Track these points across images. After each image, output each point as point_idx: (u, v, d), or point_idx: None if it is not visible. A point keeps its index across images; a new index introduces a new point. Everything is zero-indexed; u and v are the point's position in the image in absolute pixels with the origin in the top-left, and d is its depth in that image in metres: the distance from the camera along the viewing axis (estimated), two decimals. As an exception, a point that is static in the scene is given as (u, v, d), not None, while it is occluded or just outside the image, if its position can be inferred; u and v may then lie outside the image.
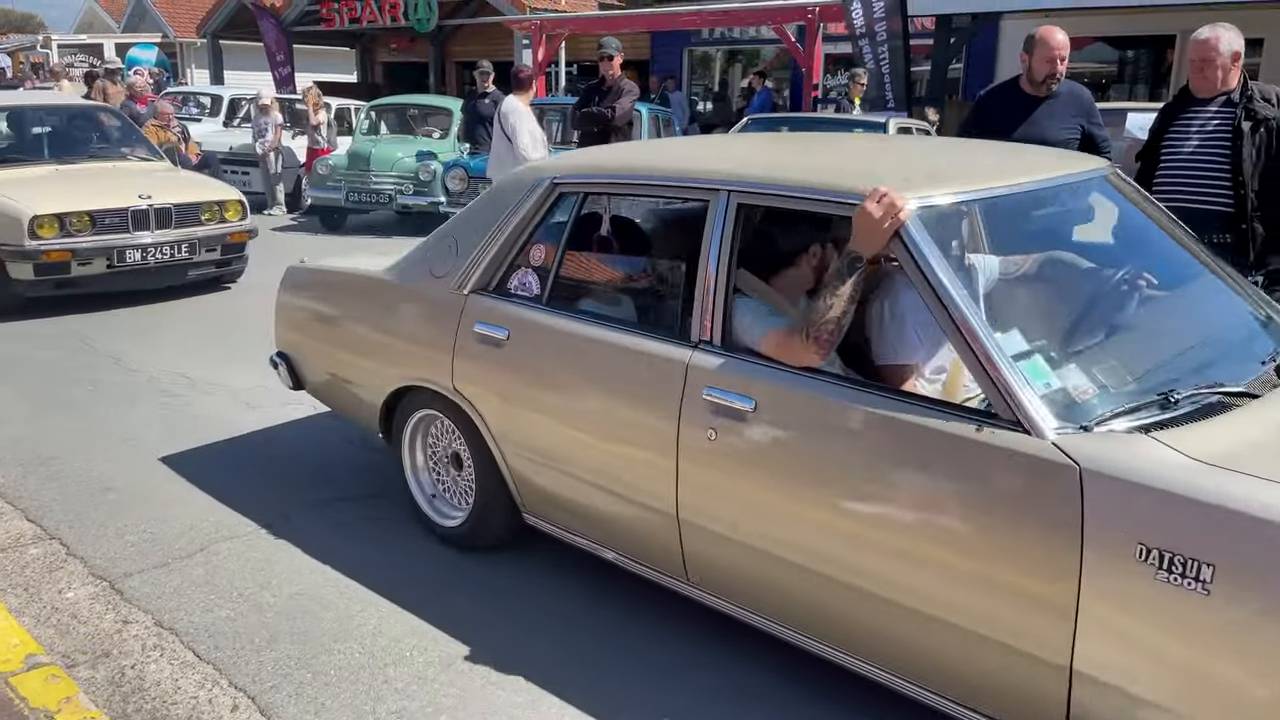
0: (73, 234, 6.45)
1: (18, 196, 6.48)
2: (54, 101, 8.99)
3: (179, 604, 3.08)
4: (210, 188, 7.58)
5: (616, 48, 7.28)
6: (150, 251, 6.80)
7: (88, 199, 6.66)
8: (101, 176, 7.27)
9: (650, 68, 17.00)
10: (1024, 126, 4.67)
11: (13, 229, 6.33)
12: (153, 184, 7.12)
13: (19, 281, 6.46)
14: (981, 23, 11.53)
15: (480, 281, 3.20)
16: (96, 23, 35.79)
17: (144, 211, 6.76)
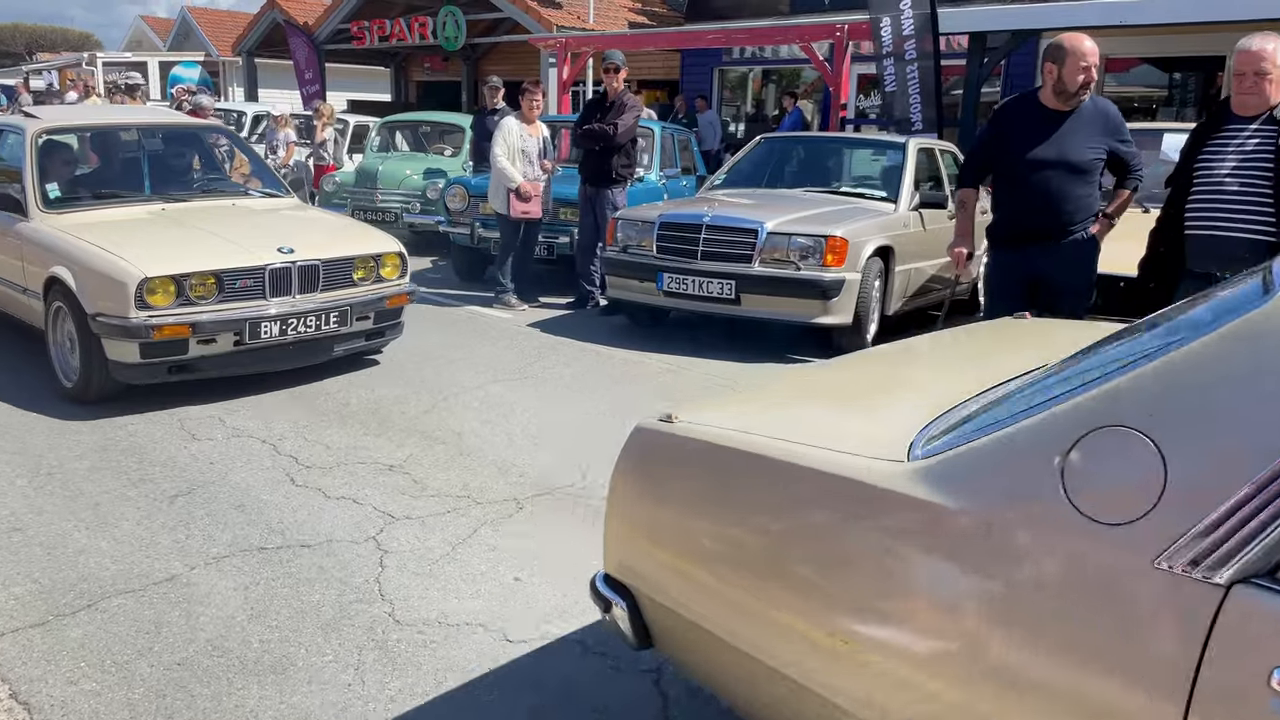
0: (193, 301, 4.76)
1: (119, 249, 4.80)
2: (153, 119, 7.00)
3: (43, 672, 2.72)
4: (362, 236, 5.79)
5: (622, 61, 6.91)
6: (292, 324, 5.04)
7: (211, 253, 4.95)
8: (223, 220, 5.57)
9: (680, 88, 16.65)
10: (1044, 145, 4.22)
11: (113, 295, 4.64)
12: (290, 231, 5.50)
13: (120, 365, 4.74)
14: (1021, 40, 11.02)
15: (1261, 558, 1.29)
16: (145, 41, 36.40)
17: (285, 270, 5.00)
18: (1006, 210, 4.40)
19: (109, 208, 5.55)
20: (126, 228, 5.21)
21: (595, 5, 16.34)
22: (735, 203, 6.79)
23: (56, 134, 5.99)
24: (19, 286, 5.41)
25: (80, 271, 4.80)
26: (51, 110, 6.64)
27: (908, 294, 6.79)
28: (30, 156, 5.49)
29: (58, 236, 5.09)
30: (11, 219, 5.43)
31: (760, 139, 8.10)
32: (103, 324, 4.66)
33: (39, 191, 5.41)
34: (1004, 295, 4.46)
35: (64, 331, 5.06)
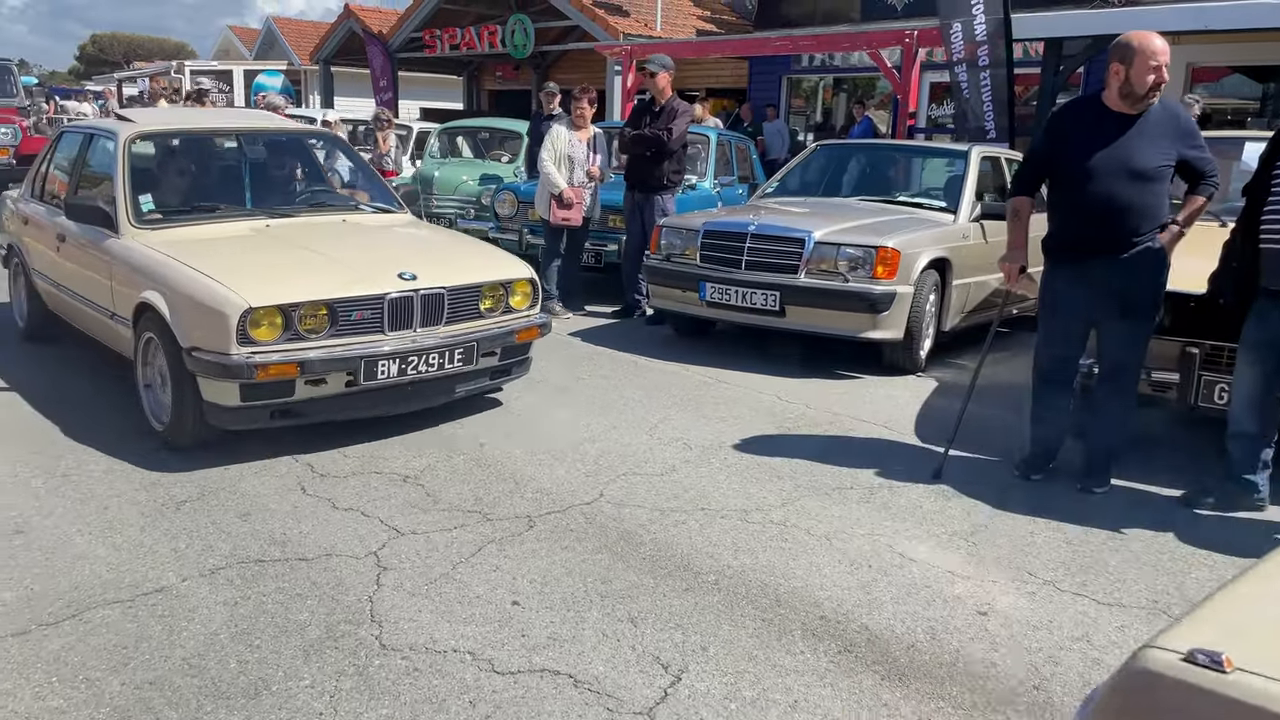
0: (302, 336, 4.06)
1: (220, 273, 4.14)
2: (255, 124, 6.34)
3: (13, 686, 2.62)
4: (490, 260, 5.02)
5: (661, 65, 6.72)
6: (412, 362, 4.32)
7: (323, 279, 4.25)
8: (334, 239, 4.92)
9: (748, 96, 16.41)
10: (1108, 149, 3.92)
11: (212, 327, 3.97)
12: (408, 252, 4.81)
13: (217, 408, 4.10)
14: (1101, 47, 10.53)
15: None
16: (232, 50, 37.46)
17: (406, 300, 4.29)
18: (1064, 221, 4.09)
19: (208, 223, 4.95)
20: (227, 247, 4.60)
21: (662, 13, 16.20)
22: (784, 211, 6.55)
23: (151, 139, 5.44)
24: (106, 310, 4.81)
25: (175, 298, 4.15)
26: (146, 114, 6.12)
27: (966, 309, 6.46)
28: (122, 164, 4.95)
29: (150, 256, 4.46)
30: (100, 234, 4.85)
31: (816, 146, 7.84)
32: (199, 360, 3.99)
33: (131, 204, 4.83)
34: (1061, 313, 4.17)
35: (155, 366, 4.46)
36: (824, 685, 2.71)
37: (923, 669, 2.81)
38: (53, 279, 5.51)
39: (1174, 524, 3.90)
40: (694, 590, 3.23)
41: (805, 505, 3.98)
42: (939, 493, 4.16)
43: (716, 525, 3.75)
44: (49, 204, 5.78)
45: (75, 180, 5.54)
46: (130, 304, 4.46)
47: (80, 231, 5.04)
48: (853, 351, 6.24)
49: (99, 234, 4.86)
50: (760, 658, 2.83)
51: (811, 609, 3.13)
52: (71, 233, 5.15)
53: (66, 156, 5.88)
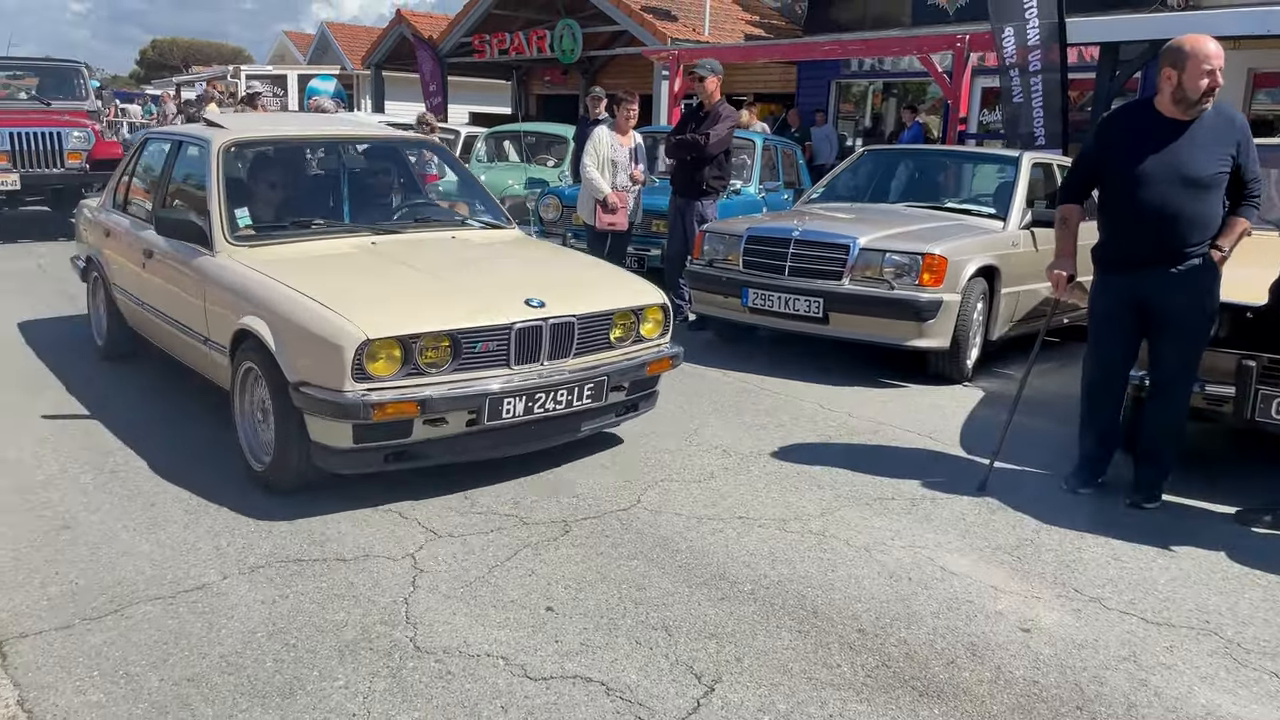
0: (422, 370, 3.64)
1: (331, 298, 3.73)
2: (354, 131, 5.79)
3: (54, 679, 2.66)
4: (619, 284, 4.56)
5: (711, 69, 6.69)
6: (539, 399, 3.88)
7: (444, 306, 3.84)
8: (447, 259, 4.56)
9: (796, 101, 16.31)
10: (1159, 156, 3.83)
11: (324, 360, 3.55)
12: (530, 275, 4.42)
13: (327, 451, 3.69)
14: (1158, 52, 10.32)
15: None
16: (287, 55, 38.09)
17: (534, 330, 3.86)
18: (1115, 230, 4.00)
19: (309, 240, 4.54)
20: (334, 268, 4.21)
21: (710, 18, 16.16)
22: (829, 217, 6.49)
23: (245, 148, 4.97)
24: (199, 335, 4.42)
25: (280, 325, 3.74)
26: (237, 120, 5.66)
27: (1014, 318, 6.34)
28: (216, 175, 4.56)
29: (251, 277, 4.07)
30: (192, 251, 4.47)
31: (863, 151, 7.76)
32: (308, 397, 3.58)
33: (226, 219, 4.45)
34: (1110, 323, 4.07)
35: (254, 399, 4.05)
36: (860, 700, 2.67)
37: (962, 686, 2.75)
38: (136, 296, 5.17)
39: (1227, 542, 3.79)
40: (729, 599, 3.19)
41: (845, 515, 3.93)
42: (983, 505, 4.08)
43: (754, 534, 3.71)
44: (132, 215, 5.46)
45: (162, 191, 5.16)
46: (227, 330, 4.05)
47: (169, 247, 4.69)
48: (897, 359, 6.17)
49: (191, 251, 4.48)
50: (795, 670, 2.79)
51: (849, 621, 3.08)
52: (159, 248, 4.81)
53: (151, 165, 5.54)
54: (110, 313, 5.68)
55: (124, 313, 5.50)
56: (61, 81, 12.10)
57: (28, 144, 10.65)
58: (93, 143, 11.13)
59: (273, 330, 3.76)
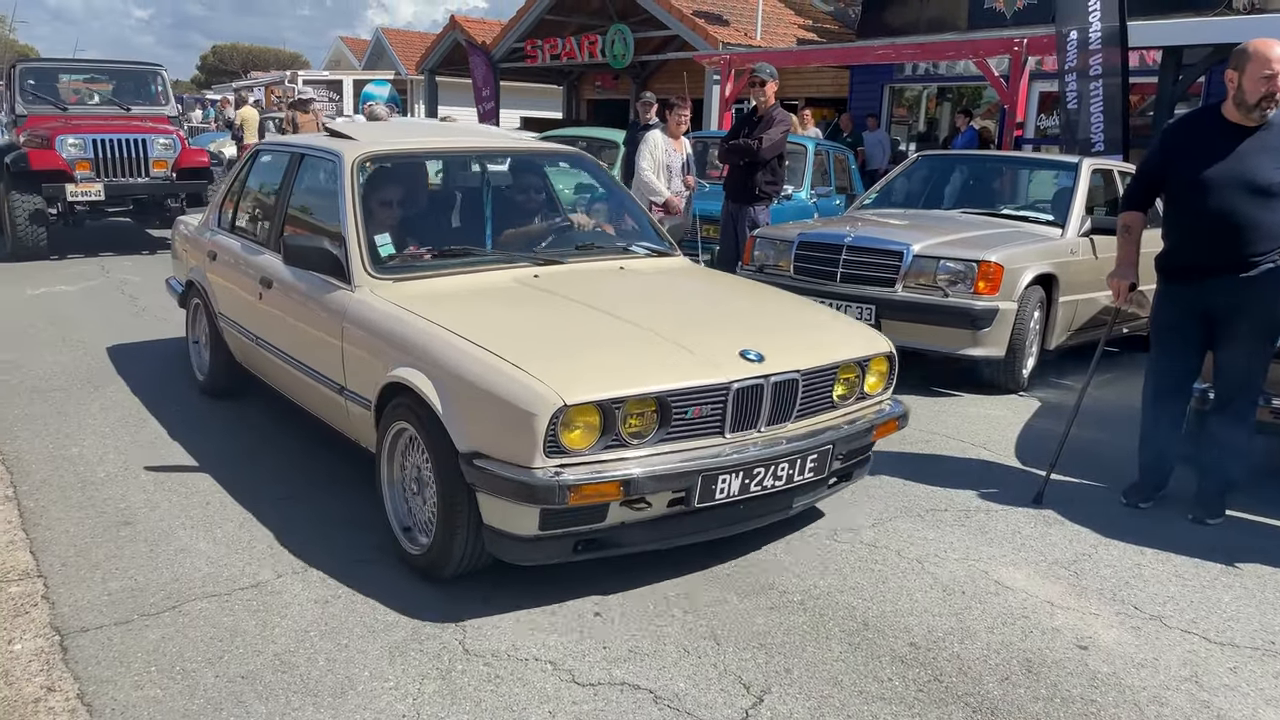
0: (624, 442, 2.96)
1: (510, 351, 3.06)
2: (499, 143, 5.10)
3: (113, 674, 2.72)
4: (837, 329, 3.80)
5: (771, 74, 6.66)
6: (758, 475, 3.15)
7: (645, 359, 3.14)
8: (627, 295, 3.86)
9: (848, 105, 16.19)
10: (1225, 163, 3.74)
11: (509, 430, 2.90)
12: (727, 316, 3.75)
13: (505, 538, 3.02)
14: (1222, 56, 10.08)
15: None
16: (343, 61, 38.76)
17: (754, 389, 3.13)
18: (1178, 238, 3.91)
19: (462, 272, 3.88)
20: (501, 309, 3.58)
21: (763, 22, 16.11)
22: (882, 223, 6.42)
23: (382, 162, 4.30)
24: (333, 383, 3.79)
25: (448, 383, 3.07)
26: (364, 129, 4.92)
27: (1073, 327, 6.22)
28: (351, 195, 3.93)
29: (404, 320, 3.41)
30: (325, 285, 3.83)
31: (917, 156, 7.67)
32: (485, 474, 2.90)
33: (366, 247, 3.80)
34: (1174, 334, 3.98)
35: (408, 466, 3.39)
36: (912, 715, 2.63)
37: (1017, 703, 2.69)
38: (249, 330, 4.57)
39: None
40: (779, 609, 3.17)
41: (897, 526, 3.88)
42: (1040, 518, 4.00)
43: (804, 543, 3.68)
44: (243, 238, 4.85)
45: (280, 213, 4.51)
46: (374, 381, 3.42)
47: (295, 279, 4.05)
48: (951, 368, 6.08)
49: (323, 284, 3.85)
50: (846, 683, 2.76)
51: (901, 634, 3.04)
52: (281, 279, 4.18)
53: (266, 181, 4.96)
54: (214, 345, 5.09)
55: (231, 346, 4.92)
56: (139, 85, 11.46)
57: (111, 152, 10.03)
58: (179, 150, 10.52)
59: (438, 388, 3.09)
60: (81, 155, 9.76)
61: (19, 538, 3.54)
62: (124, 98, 11.17)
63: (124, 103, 11.07)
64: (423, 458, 3.25)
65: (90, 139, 9.88)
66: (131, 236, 11.44)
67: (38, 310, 7.48)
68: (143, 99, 11.28)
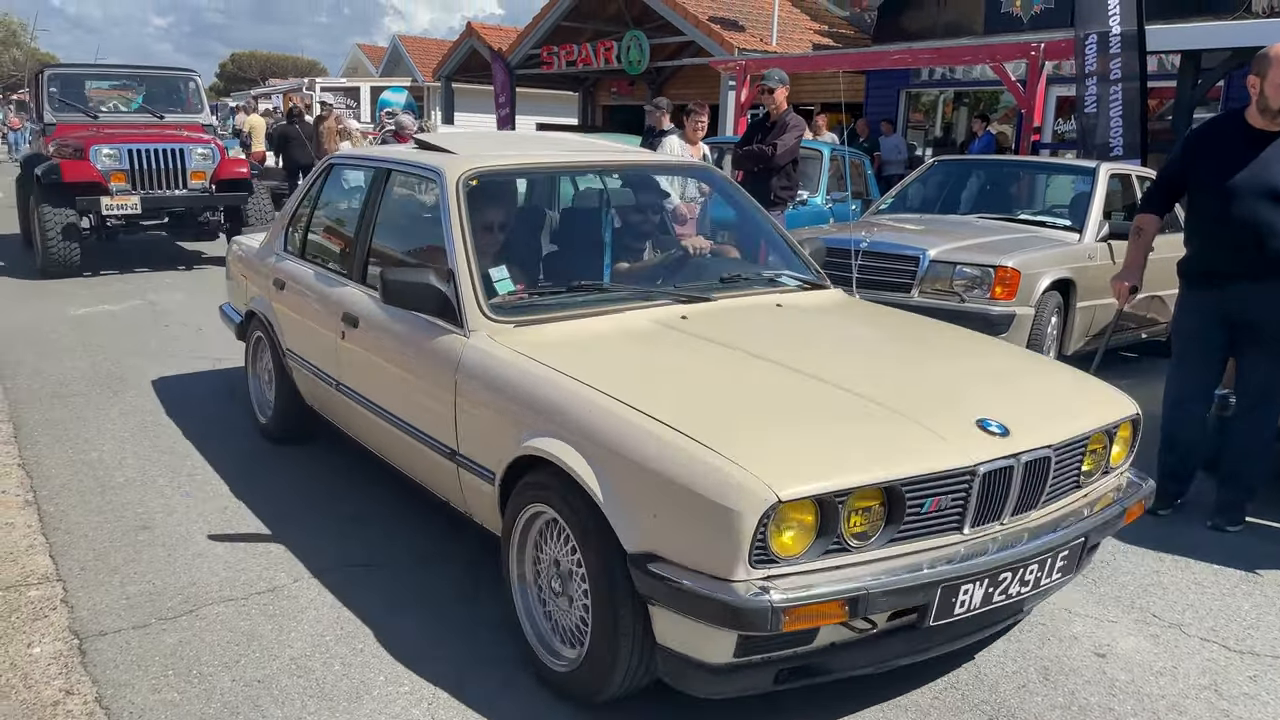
0: (845, 546, 2.28)
1: (694, 425, 2.39)
2: (622, 157, 4.38)
3: (131, 677, 2.74)
4: (1075, 389, 3.04)
5: (780, 80, 6.66)
6: (1004, 582, 2.47)
7: (861, 435, 2.46)
8: (802, 342, 3.16)
9: (864, 110, 16.17)
10: (1247, 169, 3.71)
11: (701, 528, 2.22)
12: (944, 373, 3.01)
13: (688, 666, 2.36)
14: (1242, 60, 10.01)
15: None
16: (360, 68, 38.99)
17: (1004, 472, 2.46)
18: (1200, 244, 3.88)
19: (597, 313, 3.19)
20: (660, 363, 2.90)
21: (778, 28, 16.11)
22: (898, 228, 6.40)
23: (491, 180, 3.59)
24: (442, 446, 3.12)
25: (611, 463, 2.42)
26: (461, 141, 4.24)
27: (1091, 332, 6.19)
28: (460, 221, 3.28)
29: (540, 376, 2.76)
30: (431, 328, 3.19)
31: (933, 161, 7.65)
32: (665, 585, 2.25)
33: (480, 284, 3.16)
34: (1196, 340, 3.95)
35: (547, 560, 2.74)
36: (928, 722, 2.61)
37: (1034, 712, 2.68)
38: (327, 373, 3.95)
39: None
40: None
41: (913, 532, 3.85)
42: (1056, 525, 3.97)
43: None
44: (317, 265, 4.23)
45: (364, 238, 3.85)
46: (501, 449, 2.79)
47: (389, 318, 3.42)
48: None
49: (428, 327, 3.20)
50: (857, 690, 2.74)
51: (917, 641, 3.02)
52: (371, 317, 3.57)
53: (344, 200, 4.49)
54: (280, 384, 4.49)
55: (301, 387, 4.34)
56: (170, 92, 10.90)
57: (147, 162, 9.39)
58: (217, 160, 9.81)
59: (596, 469, 2.44)
60: (116, 166, 9.23)
61: (39, 542, 3.57)
62: (154, 105, 10.72)
63: (156, 110, 10.63)
64: (570, 552, 2.60)
65: (125, 149, 9.32)
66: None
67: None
68: (174, 106, 10.82)
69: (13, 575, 3.29)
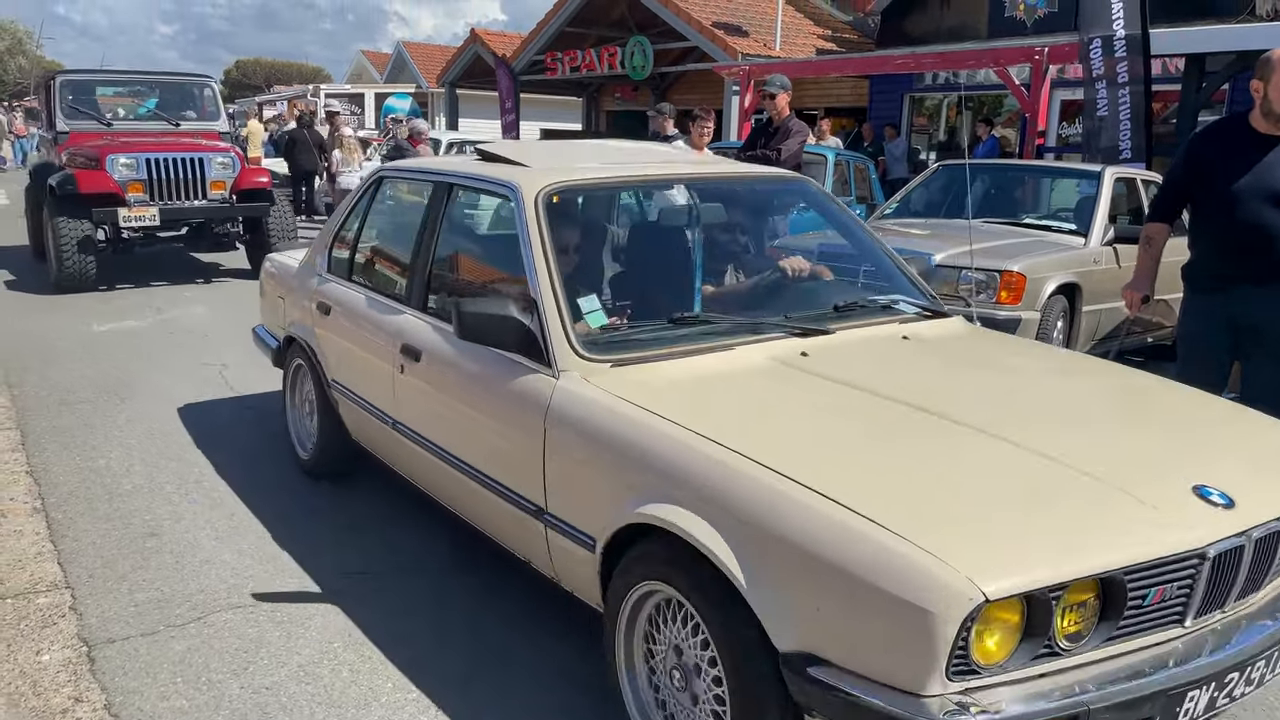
0: (1055, 649, 1.86)
1: (855, 496, 1.95)
2: (714, 169, 3.98)
3: (140, 685, 2.74)
4: (1267, 439, 2.54)
5: (781, 85, 6.67)
6: (1230, 683, 2.03)
7: (1071, 516, 1.97)
8: (950, 384, 2.71)
9: (868, 115, 16.18)
10: (1251, 174, 3.69)
11: (887, 629, 1.80)
12: (1129, 426, 2.56)
13: None
14: (1246, 64, 10.01)
15: None
16: (365, 74, 39.11)
17: (1233, 553, 2.04)
18: (1205, 249, 3.87)
19: (703, 351, 2.74)
20: (796, 413, 2.44)
21: (782, 33, 16.14)
22: (902, 232, 6.40)
23: (573, 196, 3.30)
24: (526, 502, 2.70)
25: (757, 541, 2.01)
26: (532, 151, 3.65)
27: (1097, 337, 6.18)
28: (541, 243, 2.85)
29: (651, 428, 2.34)
30: (513, 366, 2.77)
31: (938, 166, 7.65)
32: (831, 695, 1.88)
33: (569, 314, 2.74)
34: (1200, 345, 3.94)
35: (666, 647, 2.33)
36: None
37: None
38: (378, 408, 3.53)
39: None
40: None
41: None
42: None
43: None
44: (369, 289, 3.78)
45: (425, 261, 3.42)
46: (605, 516, 2.38)
47: (460, 353, 3.00)
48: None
49: (507, 365, 2.78)
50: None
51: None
52: (436, 350, 3.14)
53: (399, 217, 4.06)
54: (324, 417, 4.10)
55: (348, 422, 3.93)
56: (183, 99, 10.45)
57: (166, 172, 8.95)
58: (238, 170, 9.36)
59: (734, 545, 2.04)
60: (134, 176, 8.80)
61: (47, 549, 3.58)
62: (168, 112, 10.24)
63: (171, 117, 10.15)
64: (698, 645, 2.20)
65: (143, 158, 8.86)
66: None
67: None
68: (189, 112, 10.35)
69: (21, 582, 3.30)
